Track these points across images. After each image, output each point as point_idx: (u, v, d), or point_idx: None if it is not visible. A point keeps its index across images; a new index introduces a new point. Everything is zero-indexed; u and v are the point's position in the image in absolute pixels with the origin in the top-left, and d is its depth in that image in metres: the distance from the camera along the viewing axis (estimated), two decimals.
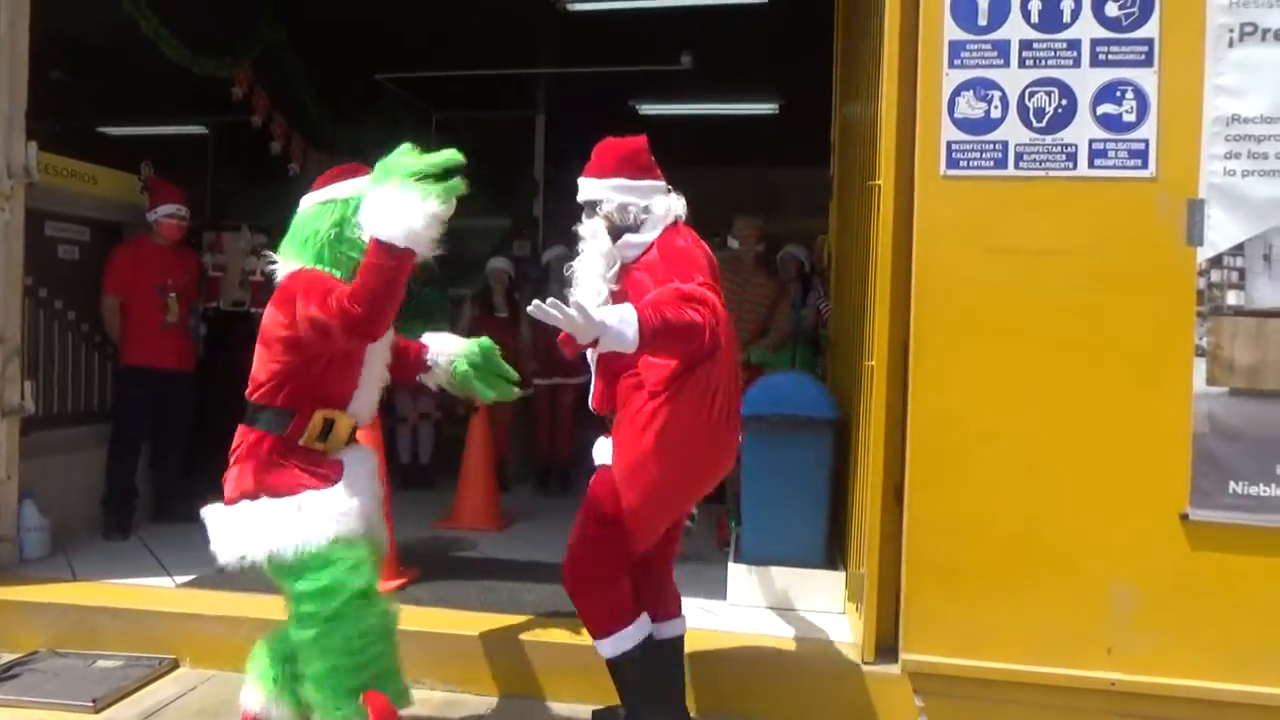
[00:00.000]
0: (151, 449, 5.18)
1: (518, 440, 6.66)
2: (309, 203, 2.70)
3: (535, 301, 2.31)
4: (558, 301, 2.31)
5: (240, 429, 2.67)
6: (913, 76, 3.14)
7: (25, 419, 4.28)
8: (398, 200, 2.41)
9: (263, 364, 2.64)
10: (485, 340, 3.12)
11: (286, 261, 2.65)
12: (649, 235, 2.82)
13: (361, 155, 7.80)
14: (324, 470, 2.63)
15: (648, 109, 8.57)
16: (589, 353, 2.75)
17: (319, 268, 2.60)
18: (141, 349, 5.00)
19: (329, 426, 2.65)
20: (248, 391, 2.68)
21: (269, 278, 2.75)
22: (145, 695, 3.40)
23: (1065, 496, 2.99)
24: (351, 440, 2.75)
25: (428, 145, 2.58)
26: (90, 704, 3.24)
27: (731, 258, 5.41)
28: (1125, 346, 2.97)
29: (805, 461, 3.85)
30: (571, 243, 3.00)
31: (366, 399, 2.75)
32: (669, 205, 2.88)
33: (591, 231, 2.87)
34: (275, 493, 2.57)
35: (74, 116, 7.88)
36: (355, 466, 2.70)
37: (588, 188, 2.91)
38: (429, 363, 3.04)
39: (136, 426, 5.05)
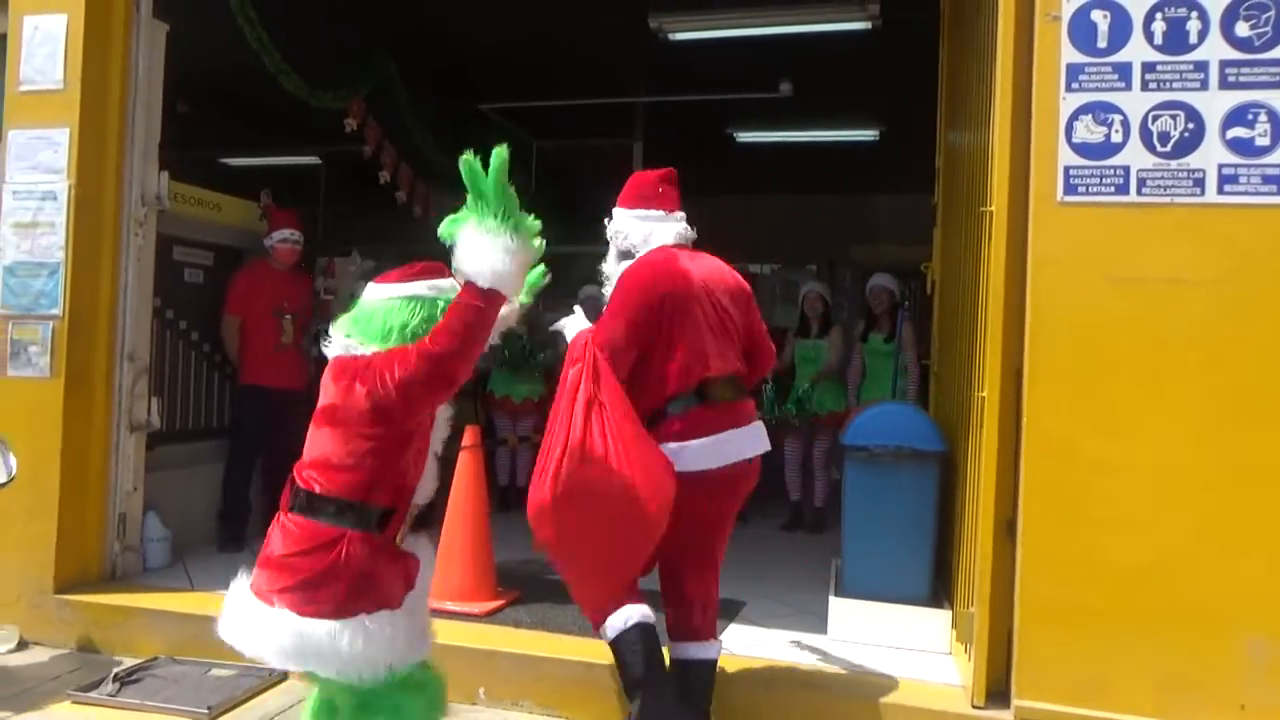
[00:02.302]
0: (264, 465, 5.38)
1: None
2: (386, 293, 2.55)
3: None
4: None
5: (304, 523, 2.36)
6: (1027, 100, 3.06)
7: (150, 434, 4.51)
8: (481, 239, 2.39)
9: (337, 446, 2.38)
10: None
11: (362, 344, 2.47)
12: (630, 262, 3.06)
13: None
14: (409, 568, 2.47)
15: (745, 136, 8.57)
16: None
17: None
18: (257, 369, 5.21)
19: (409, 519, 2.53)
20: (307, 477, 2.39)
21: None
22: (255, 705, 3.51)
23: (1194, 537, 2.84)
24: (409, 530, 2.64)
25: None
26: (205, 711, 3.36)
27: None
28: (1258, 380, 2.81)
29: (911, 495, 3.75)
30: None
31: (430, 483, 2.60)
32: (647, 233, 3.05)
33: (608, 257, 3.17)
34: (371, 604, 2.33)
35: (198, 147, 8.34)
36: (424, 555, 2.55)
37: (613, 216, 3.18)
38: None
39: (252, 443, 5.26)
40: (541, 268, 2.85)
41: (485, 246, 2.39)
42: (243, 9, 5.05)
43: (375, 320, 2.50)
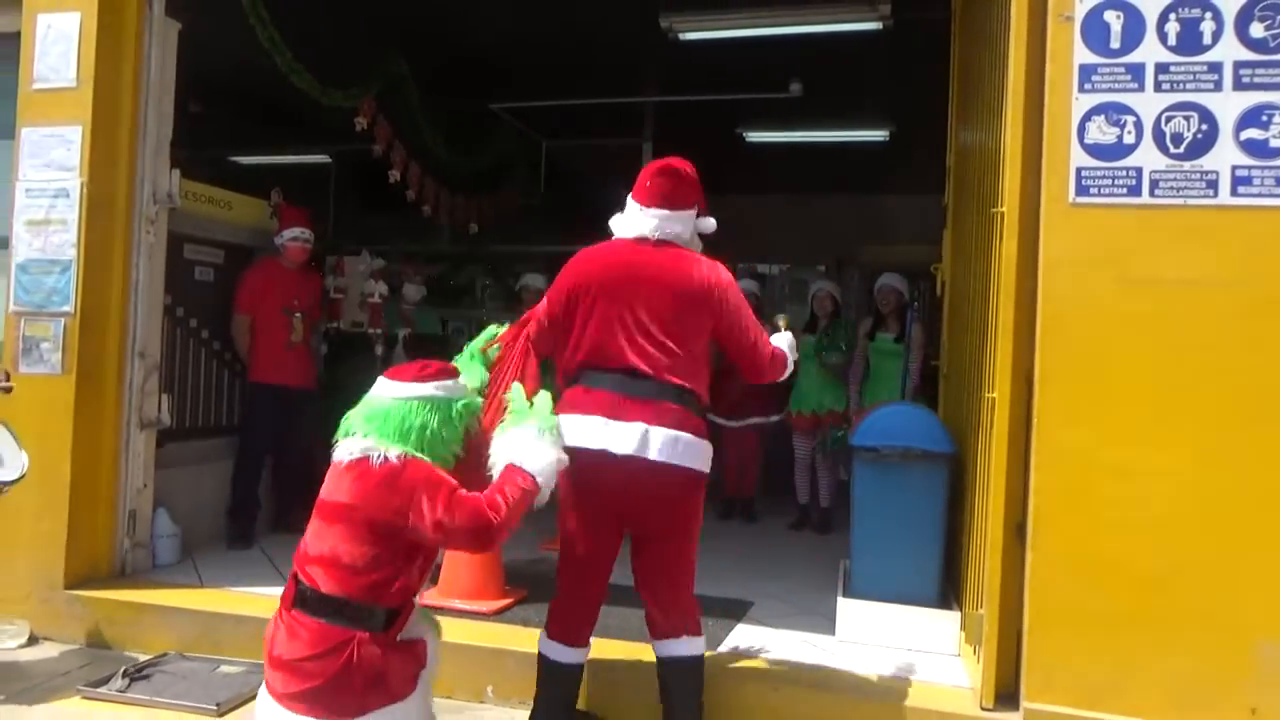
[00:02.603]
0: (273, 463, 5.40)
1: None
2: (400, 393, 2.59)
3: None
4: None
5: (312, 625, 2.40)
6: (1039, 101, 3.05)
7: (160, 431, 4.53)
8: (542, 445, 2.63)
9: (351, 548, 2.42)
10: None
11: (381, 445, 2.50)
12: None
13: (477, 182, 7.98)
14: (419, 653, 2.56)
15: (755, 136, 8.57)
16: None
17: (423, 457, 2.53)
18: (267, 367, 5.23)
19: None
20: (326, 580, 2.42)
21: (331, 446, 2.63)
22: None
23: (1206, 540, 2.82)
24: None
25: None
26: (214, 708, 3.37)
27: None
28: (1272, 382, 2.80)
29: (920, 496, 3.74)
30: None
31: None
32: (618, 223, 3.08)
33: None
34: (385, 699, 2.44)
35: (210, 146, 8.37)
36: (429, 635, 2.65)
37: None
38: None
39: (261, 441, 5.28)
40: None
41: (545, 450, 2.64)
42: (254, 8, 5.06)
43: (393, 420, 2.56)
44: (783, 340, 3.16)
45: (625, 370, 2.87)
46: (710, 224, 3.09)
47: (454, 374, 2.73)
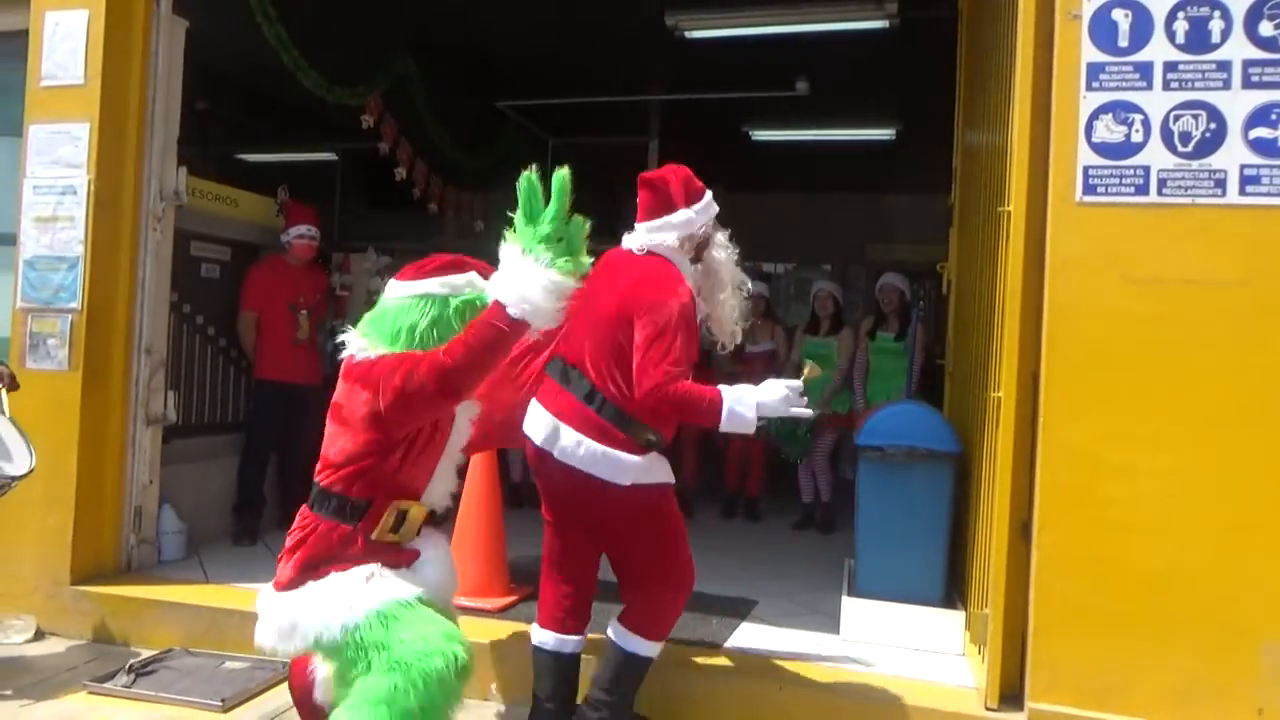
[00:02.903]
0: (279, 459, 5.40)
1: None
2: (401, 292, 2.56)
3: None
4: None
5: (303, 512, 2.52)
6: (1047, 99, 3.04)
7: (166, 428, 4.54)
8: (521, 267, 2.37)
9: (338, 444, 2.48)
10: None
11: (372, 345, 2.49)
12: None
13: (483, 180, 7.98)
14: (397, 558, 2.52)
15: (761, 135, 8.56)
16: None
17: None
18: (273, 364, 5.23)
19: (401, 517, 2.52)
20: (317, 472, 2.53)
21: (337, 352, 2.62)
22: (269, 698, 3.52)
23: (1211, 540, 2.81)
24: (425, 527, 2.64)
25: (545, 171, 2.58)
26: (219, 704, 3.38)
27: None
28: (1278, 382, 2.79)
29: (925, 495, 3.73)
30: None
31: (442, 487, 2.64)
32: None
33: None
34: (344, 569, 2.43)
35: (217, 143, 8.40)
36: (431, 551, 2.59)
37: None
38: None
39: (266, 438, 5.29)
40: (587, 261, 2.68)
41: (527, 275, 2.36)
42: (261, 5, 5.07)
43: (387, 320, 2.51)
44: (774, 389, 2.81)
45: (574, 365, 2.90)
46: (683, 217, 2.95)
47: (460, 266, 2.60)
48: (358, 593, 2.38)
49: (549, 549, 3.08)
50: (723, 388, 2.75)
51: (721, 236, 3.03)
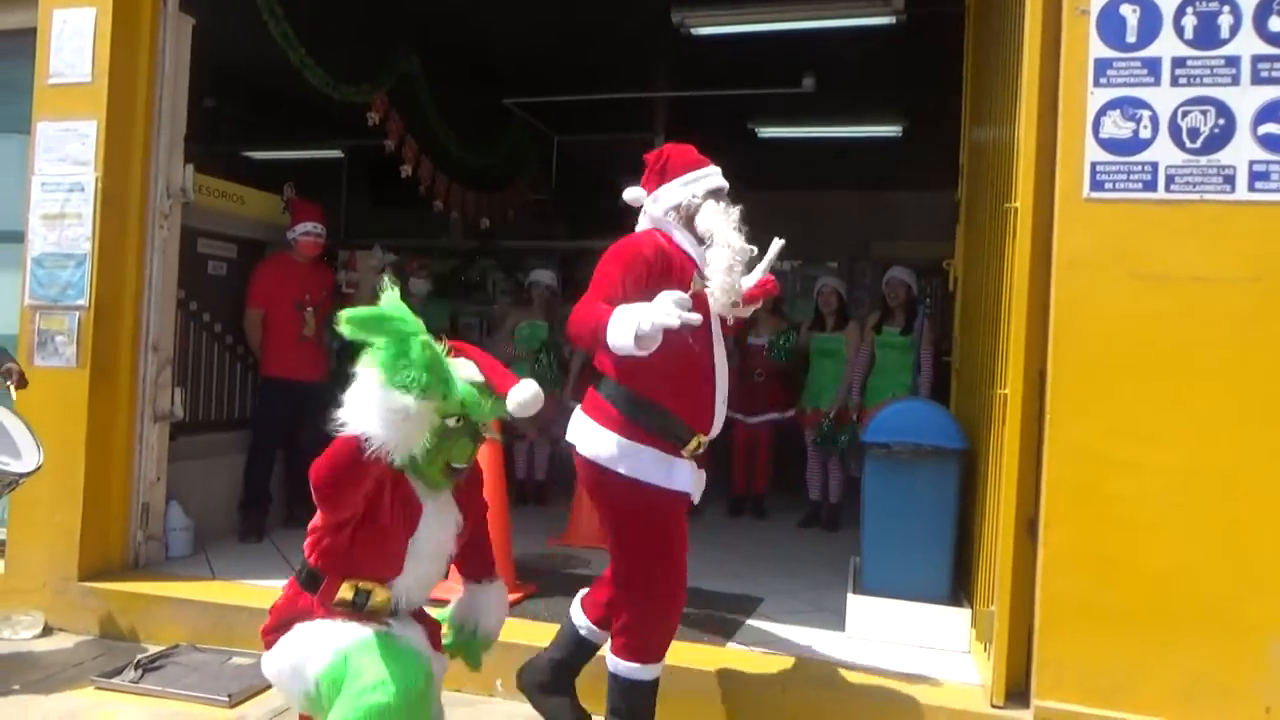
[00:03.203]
0: (285, 457, 5.41)
1: None
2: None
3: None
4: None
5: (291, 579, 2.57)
6: (1054, 95, 3.03)
7: (173, 425, 4.55)
8: (387, 403, 2.22)
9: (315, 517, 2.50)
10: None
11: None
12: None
13: (489, 177, 8.00)
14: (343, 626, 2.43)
15: (766, 131, 8.54)
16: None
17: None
18: (279, 361, 5.25)
19: (365, 596, 2.42)
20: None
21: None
22: (275, 694, 3.50)
23: (1219, 538, 2.80)
24: (404, 613, 2.53)
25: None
26: (226, 699, 3.39)
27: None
28: None
29: (931, 492, 3.72)
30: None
31: (412, 581, 2.48)
32: None
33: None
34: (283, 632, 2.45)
35: (223, 141, 8.41)
36: (411, 629, 2.50)
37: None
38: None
39: (273, 435, 5.30)
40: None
41: (390, 415, 2.20)
42: (268, 3, 5.08)
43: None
44: (659, 301, 2.51)
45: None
46: (666, 190, 2.96)
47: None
48: (321, 636, 2.37)
49: None
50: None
51: (713, 204, 2.92)
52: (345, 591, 2.41)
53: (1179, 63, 2.93)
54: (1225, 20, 2.90)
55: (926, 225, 8.07)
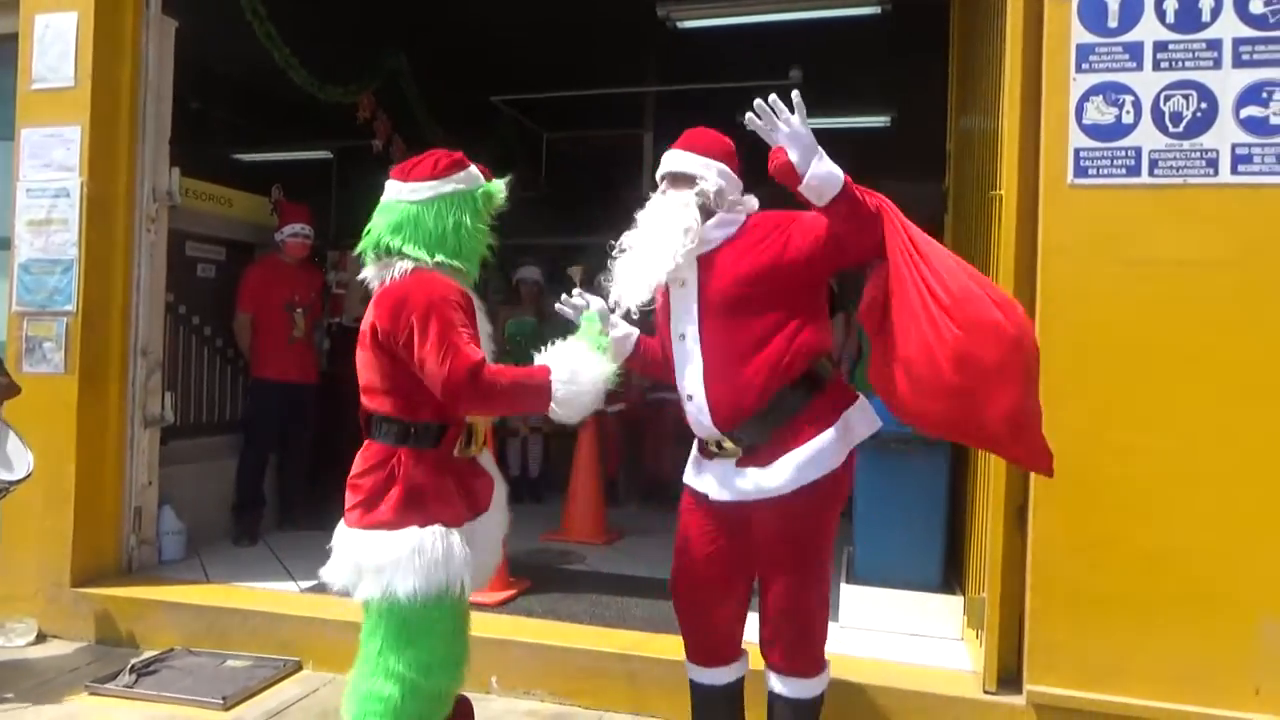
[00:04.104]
0: (278, 459, 5.41)
1: (629, 455, 6.72)
2: (419, 194, 2.43)
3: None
4: (779, 102, 2.46)
5: (369, 446, 2.41)
6: (1037, 81, 3.03)
7: (165, 429, 4.54)
8: (596, 371, 2.38)
9: (377, 372, 2.39)
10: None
11: (414, 254, 2.37)
12: (740, 218, 2.79)
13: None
14: (479, 487, 2.46)
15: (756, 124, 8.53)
16: None
17: (444, 262, 2.40)
18: (270, 363, 5.24)
19: (471, 432, 2.44)
20: (371, 404, 2.41)
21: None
22: (270, 695, 3.53)
23: (1208, 520, 2.81)
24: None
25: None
26: (220, 702, 3.38)
27: None
28: (1274, 361, 2.78)
29: (921, 481, 3.74)
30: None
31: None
32: (754, 203, 2.86)
33: (684, 202, 2.68)
34: (423, 519, 2.32)
35: (210, 143, 8.38)
36: (499, 486, 2.54)
37: (688, 161, 2.75)
38: None
39: (264, 437, 5.29)
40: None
41: (592, 379, 2.37)
42: (251, 4, 5.07)
43: (425, 225, 2.41)
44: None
45: None
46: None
47: (462, 163, 2.56)
48: (424, 559, 2.30)
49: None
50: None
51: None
52: (463, 435, 2.40)
53: (1160, 47, 2.93)
54: (1206, 3, 2.90)
55: (915, 214, 8.00)
